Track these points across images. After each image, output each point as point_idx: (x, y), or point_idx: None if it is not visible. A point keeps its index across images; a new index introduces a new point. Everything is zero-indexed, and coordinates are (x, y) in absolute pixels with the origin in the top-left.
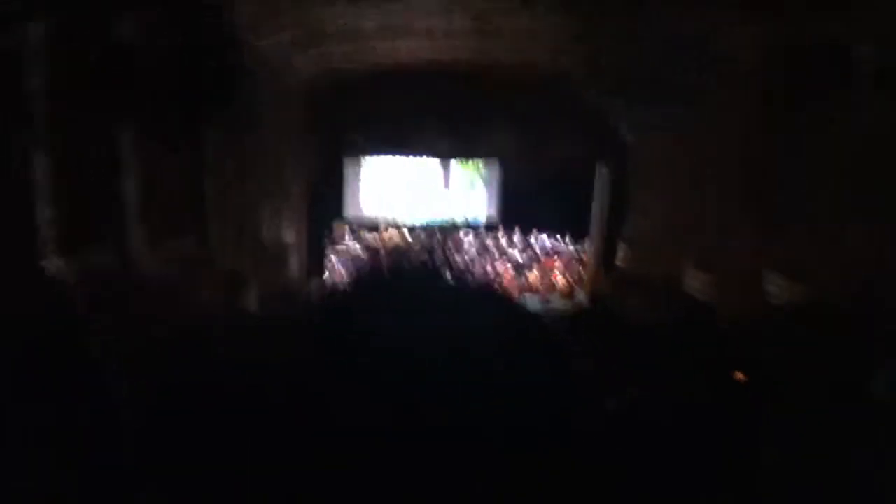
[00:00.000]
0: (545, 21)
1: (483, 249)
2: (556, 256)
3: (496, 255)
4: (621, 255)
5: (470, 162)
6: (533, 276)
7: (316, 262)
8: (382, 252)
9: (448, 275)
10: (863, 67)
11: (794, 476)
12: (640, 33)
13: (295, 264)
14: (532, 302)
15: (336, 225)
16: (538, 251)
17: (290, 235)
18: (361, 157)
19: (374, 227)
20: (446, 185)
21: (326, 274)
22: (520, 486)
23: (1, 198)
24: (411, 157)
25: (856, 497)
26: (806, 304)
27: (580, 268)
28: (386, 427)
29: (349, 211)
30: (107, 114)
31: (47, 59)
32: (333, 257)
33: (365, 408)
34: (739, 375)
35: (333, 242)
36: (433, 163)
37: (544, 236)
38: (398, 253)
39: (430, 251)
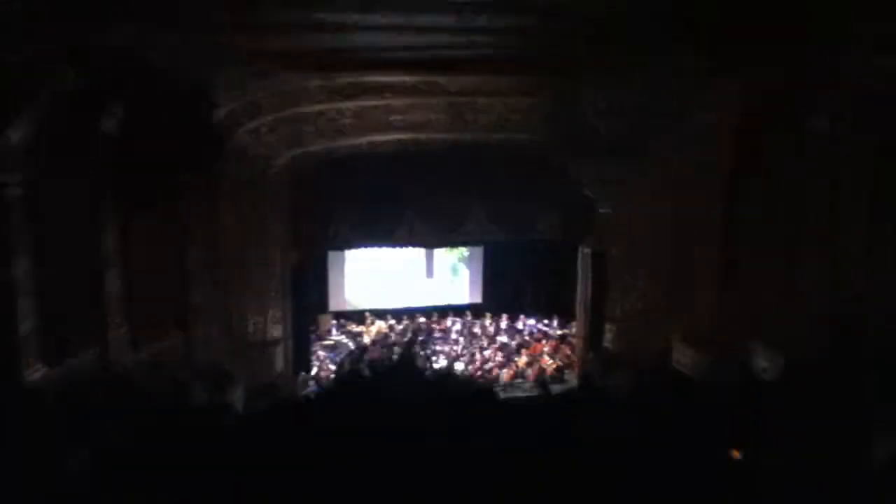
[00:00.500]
0: (516, 106)
1: (471, 335)
2: (543, 339)
3: (484, 341)
4: (607, 334)
5: (453, 249)
6: (522, 360)
7: (302, 356)
8: (368, 343)
9: (430, 366)
10: (818, 138)
11: None
12: (609, 104)
13: (281, 359)
14: (522, 385)
15: (321, 318)
16: (525, 335)
17: (275, 330)
18: (344, 249)
19: (359, 318)
20: (430, 273)
21: (314, 368)
22: None
23: None
24: (394, 249)
25: None
26: (792, 378)
27: (568, 350)
28: None
29: (333, 303)
30: (90, 213)
31: (28, 160)
32: (320, 351)
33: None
34: (735, 453)
35: (319, 335)
36: (416, 252)
37: (531, 320)
38: (382, 346)
39: (414, 341)
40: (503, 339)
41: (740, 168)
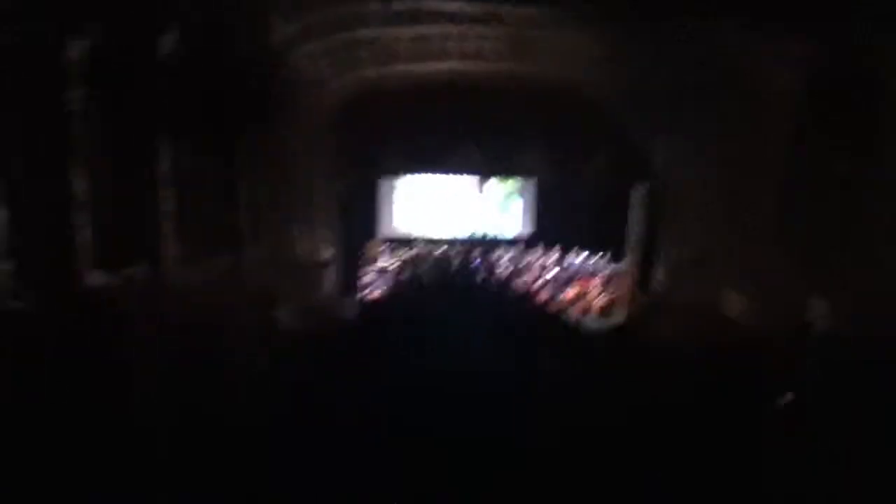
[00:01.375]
0: (578, 41)
1: (519, 267)
2: (593, 275)
3: (533, 272)
4: (658, 275)
5: (506, 179)
6: (569, 294)
7: (350, 280)
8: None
9: (484, 283)
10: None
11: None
12: (673, 54)
13: (329, 282)
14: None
15: (370, 243)
16: (575, 269)
17: (324, 253)
18: (396, 176)
19: (408, 244)
20: (481, 202)
21: (361, 292)
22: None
23: (43, 213)
24: (446, 175)
25: None
26: (846, 330)
27: (618, 287)
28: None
29: (384, 229)
30: (144, 131)
31: (88, 76)
32: (368, 275)
33: (399, 417)
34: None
35: (368, 260)
36: (468, 180)
37: (582, 254)
38: (436, 262)
39: (467, 262)
40: (552, 272)
41: (808, 119)
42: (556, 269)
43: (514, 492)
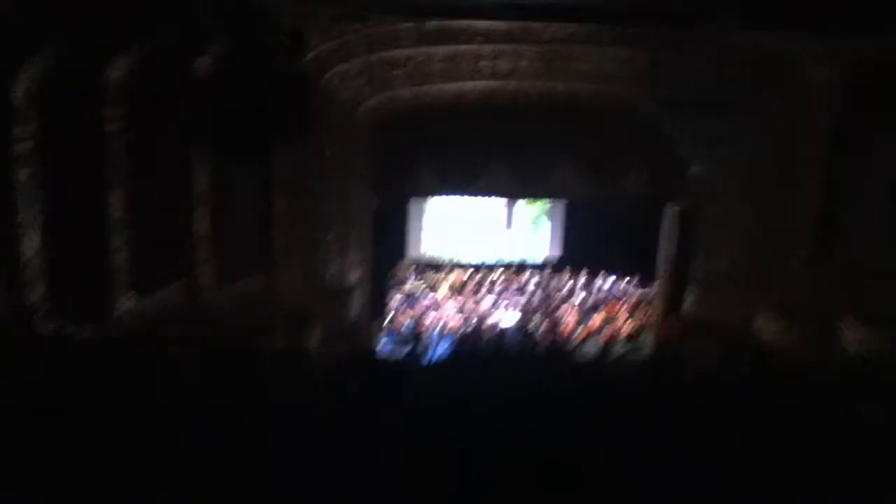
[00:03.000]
0: (610, 57)
1: (547, 291)
2: (622, 299)
3: (561, 297)
4: (690, 298)
5: (535, 202)
6: (596, 319)
7: (379, 302)
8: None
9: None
10: None
11: None
12: (706, 62)
13: (358, 304)
14: (595, 345)
15: (400, 265)
16: (603, 293)
17: (354, 275)
18: (426, 197)
19: (437, 266)
20: (509, 224)
21: (390, 314)
22: None
23: (77, 237)
24: (476, 198)
25: None
26: (884, 352)
27: (647, 311)
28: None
29: (413, 251)
30: (181, 153)
31: (127, 97)
32: (398, 297)
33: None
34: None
35: (398, 282)
36: (497, 202)
37: (611, 278)
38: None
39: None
40: (581, 295)
41: (843, 134)
42: (583, 293)
43: None
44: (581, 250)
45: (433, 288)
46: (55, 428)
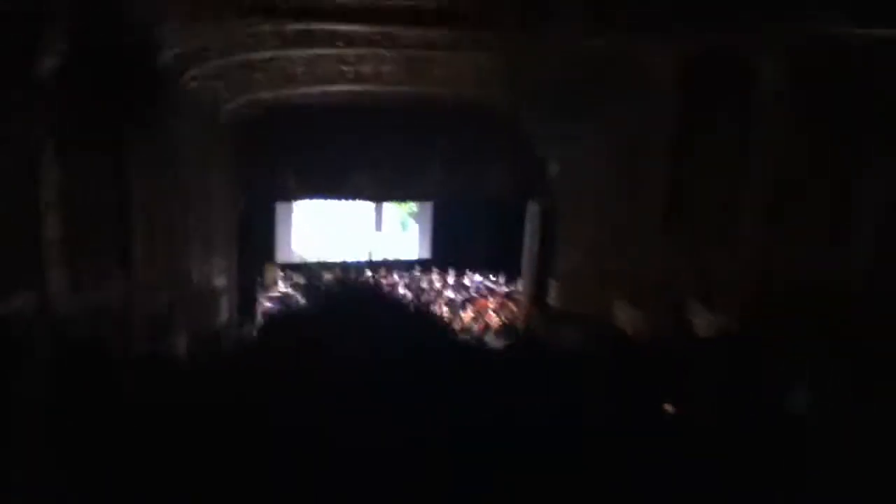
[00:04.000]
0: (469, 61)
1: (417, 289)
2: (489, 295)
3: (431, 295)
4: (552, 291)
5: (402, 203)
6: (467, 315)
7: (247, 306)
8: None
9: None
10: (765, 84)
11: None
12: (553, 55)
13: (225, 308)
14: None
15: (267, 268)
16: (472, 290)
17: (220, 279)
18: (291, 201)
19: (306, 270)
20: (378, 226)
21: (258, 317)
22: None
23: None
24: (342, 201)
25: None
26: (726, 333)
27: (513, 306)
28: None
29: (280, 254)
30: (28, 153)
31: None
32: (265, 301)
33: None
34: (668, 407)
35: (265, 286)
36: (365, 204)
37: (477, 276)
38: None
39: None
40: (450, 294)
41: (687, 124)
42: (452, 291)
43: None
44: (449, 250)
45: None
46: None
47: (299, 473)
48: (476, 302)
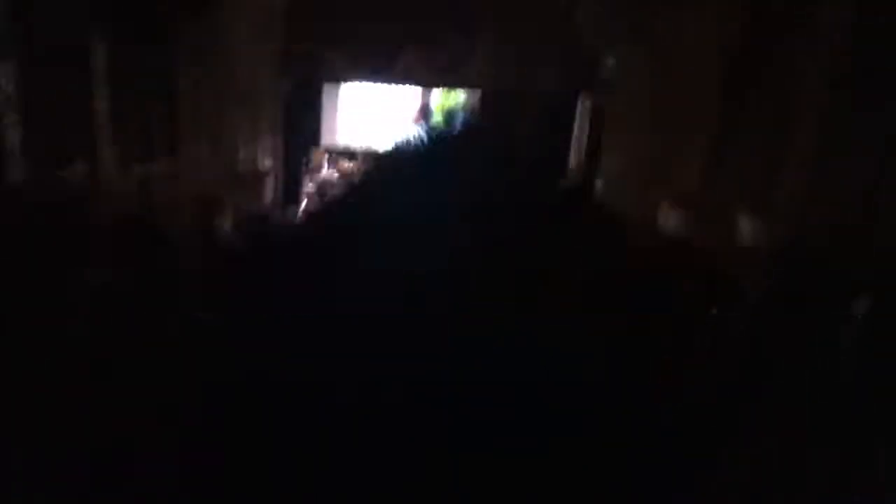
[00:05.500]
0: None
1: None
2: None
3: None
4: (599, 190)
5: (451, 91)
6: None
7: (292, 189)
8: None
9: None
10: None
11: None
12: None
13: (270, 190)
14: None
15: (313, 152)
16: None
17: (266, 160)
18: (339, 83)
19: (352, 155)
20: (426, 115)
21: (303, 201)
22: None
23: None
24: (391, 85)
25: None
26: (782, 244)
27: None
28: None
29: (326, 138)
30: (75, 26)
31: None
32: (311, 184)
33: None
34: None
35: (311, 170)
36: (413, 91)
37: None
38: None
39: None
40: None
41: (745, 35)
42: None
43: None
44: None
45: (346, 177)
46: None
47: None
48: None
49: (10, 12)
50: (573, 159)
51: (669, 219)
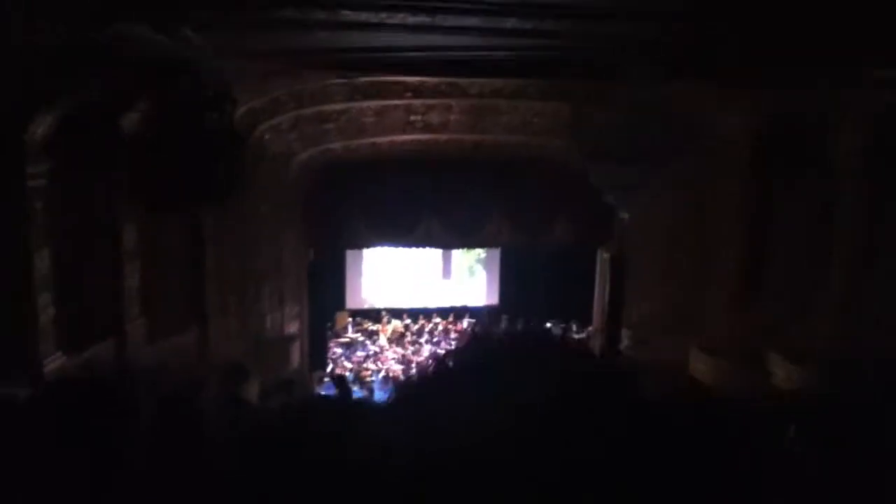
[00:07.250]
0: (538, 110)
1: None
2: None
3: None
4: (624, 340)
5: (470, 250)
6: None
7: (318, 353)
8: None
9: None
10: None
11: None
12: (624, 114)
13: (297, 355)
14: None
15: (338, 315)
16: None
17: (291, 326)
18: (361, 249)
19: (375, 316)
20: (447, 274)
21: (329, 365)
22: None
23: (4, 294)
24: (411, 249)
25: None
26: (810, 387)
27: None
28: None
29: (350, 301)
30: (108, 207)
31: (52, 152)
32: (336, 348)
33: None
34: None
35: (336, 333)
36: (433, 252)
37: (548, 324)
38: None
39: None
40: None
41: (764, 177)
42: None
43: None
44: (517, 297)
45: (372, 338)
46: None
47: None
48: None
49: (46, 200)
50: (596, 310)
51: (698, 366)
